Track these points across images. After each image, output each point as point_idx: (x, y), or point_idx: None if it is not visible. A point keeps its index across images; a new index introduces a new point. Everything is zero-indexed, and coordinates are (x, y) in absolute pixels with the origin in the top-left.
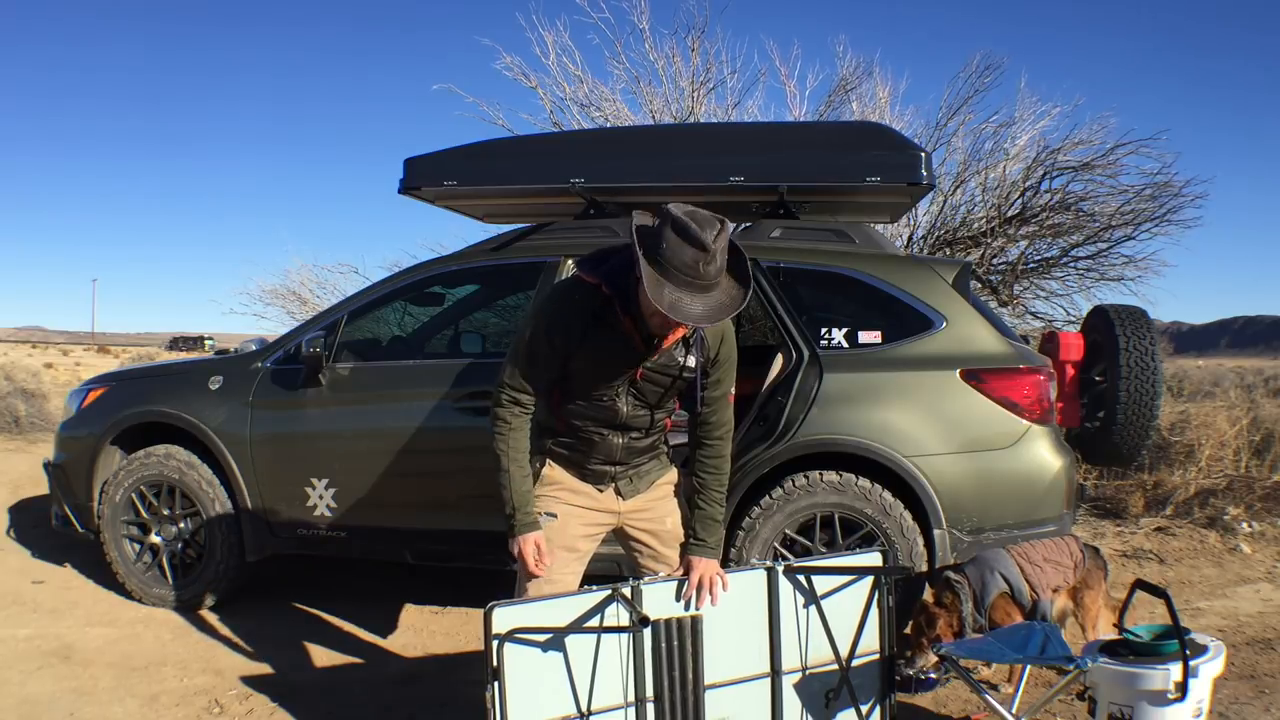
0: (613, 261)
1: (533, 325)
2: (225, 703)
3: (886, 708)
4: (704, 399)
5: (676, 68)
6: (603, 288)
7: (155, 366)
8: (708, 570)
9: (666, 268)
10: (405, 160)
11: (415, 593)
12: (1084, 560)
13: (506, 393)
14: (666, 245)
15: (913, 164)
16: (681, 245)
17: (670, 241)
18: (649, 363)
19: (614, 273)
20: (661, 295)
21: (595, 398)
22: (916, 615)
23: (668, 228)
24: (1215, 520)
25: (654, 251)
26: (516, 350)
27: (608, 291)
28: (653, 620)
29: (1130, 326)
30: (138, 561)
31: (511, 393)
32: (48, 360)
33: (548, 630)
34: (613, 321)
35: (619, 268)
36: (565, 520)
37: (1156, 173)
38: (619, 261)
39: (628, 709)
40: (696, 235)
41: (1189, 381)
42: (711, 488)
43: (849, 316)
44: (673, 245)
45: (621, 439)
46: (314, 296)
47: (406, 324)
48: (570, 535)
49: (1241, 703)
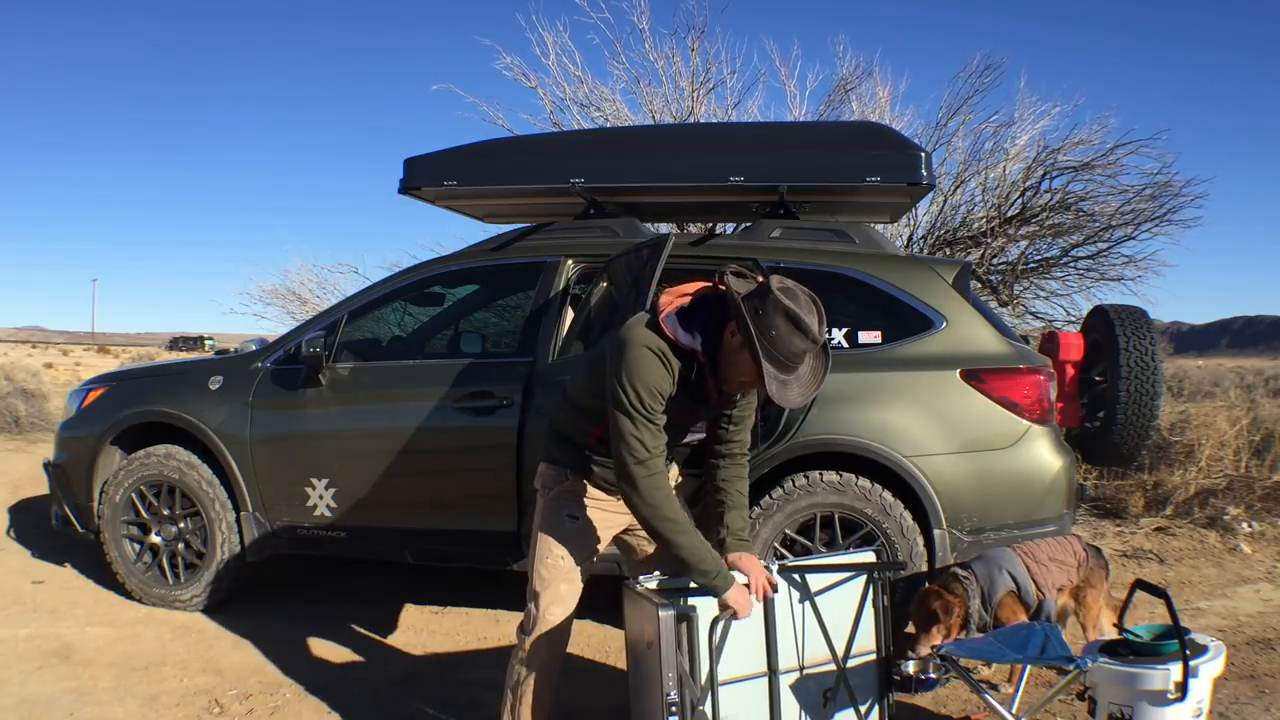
0: (698, 321)
1: (644, 387)
2: (225, 703)
3: (885, 708)
4: (731, 429)
5: (676, 68)
6: (699, 355)
7: (155, 366)
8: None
9: (776, 356)
10: (405, 160)
11: (415, 593)
12: (1087, 559)
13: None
14: (778, 334)
15: (913, 164)
16: (793, 335)
17: (781, 330)
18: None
19: (706, 337)
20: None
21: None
22: (921, 602)
23: (780, 316)
24: (1215, 520)
25: (765, 336)
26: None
27: (704, 359)
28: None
29: (1130, 326)
30: (138, 561)
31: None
32: (48, 360)
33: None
34: (698, 382)
35: (707, 329)
36: (586, 525)
37: (1156, 172)
38: (705, 321)
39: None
40: (808, 327)
41: (1189, 381)
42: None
43: (849, 316)
44: (784, 334)
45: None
46: (314, 296)
47: (406, 324)
48: (593, 537)
49: (1241, 703)
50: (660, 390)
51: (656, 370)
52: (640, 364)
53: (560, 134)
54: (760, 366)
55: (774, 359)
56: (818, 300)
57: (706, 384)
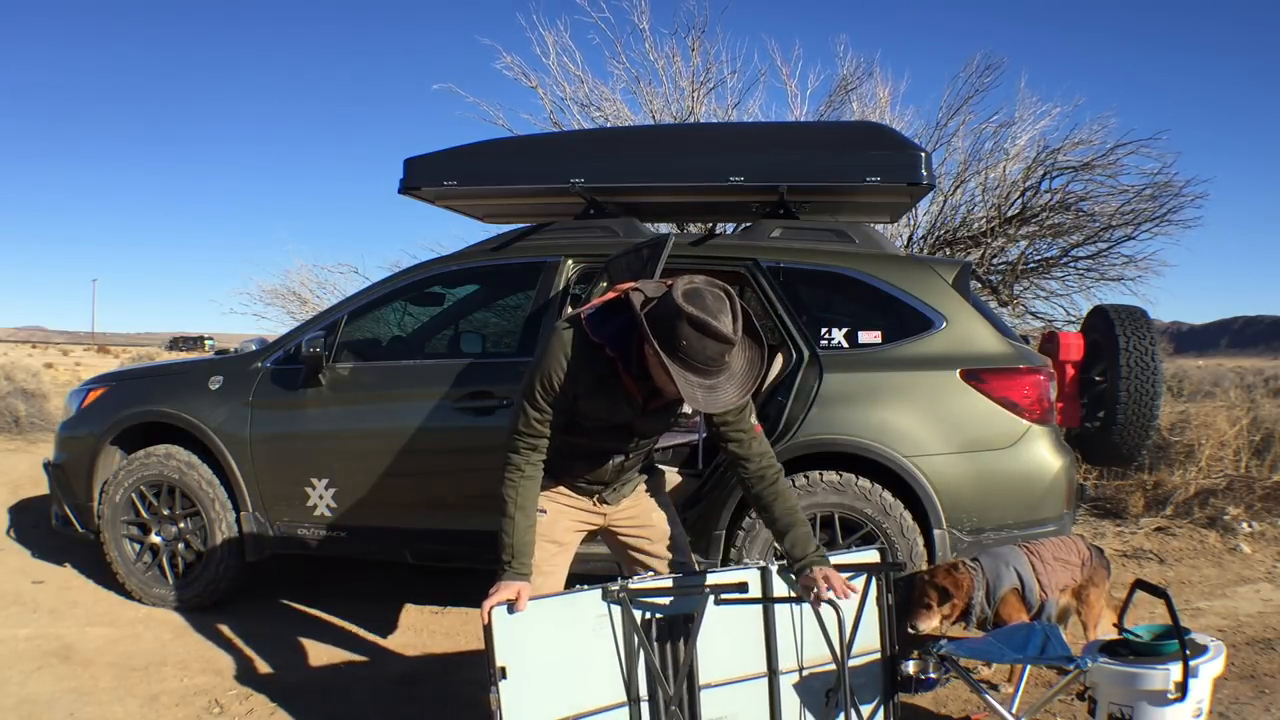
0: (615, 322)
1: (540, 374)
2: (225, 703)
3: (890, 709)
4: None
5: (677, 68)
6: (606, 349)
7: (155, 366)
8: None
9: (691, 363)
10: (405, 160)
11: (415, 593)
12: (1091, 559)
13: (524, 440)
14: (688, 342)
15: (913, 164)
16: (703, 341)
17: (690, 338)
18: (646, 414)
19: (617, 335)
20: (696, 394)
21: (595, 434)
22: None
23: (683, 323)
24: (1215, 520)
25: (671, 346)
26: (528, 396)
27: (611, 354)
28: (649, 619)
29: (1130, 326)
30: (138, 561)
31: (529, 439)
32: (48, 360)
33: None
34: (614, 382)
35: (621, 329)
36: (555, 516)
37: (1156, 173)
38: (622, 322)
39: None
40: (717, 330)
41: (1189, 381)
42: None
43: (849, 316)
44: (694, 342)
45: (614, 462)
46: (314, 296)
47: (406, 324)
48: (559, 529)
49: (1241, 703)
50: (550, 379)
51: (554, 360)
52: (542, 351)
53: (560, 134)
54: (676, 382)
55: (691, 368)
56: (730, 293)
57: (622, 381)
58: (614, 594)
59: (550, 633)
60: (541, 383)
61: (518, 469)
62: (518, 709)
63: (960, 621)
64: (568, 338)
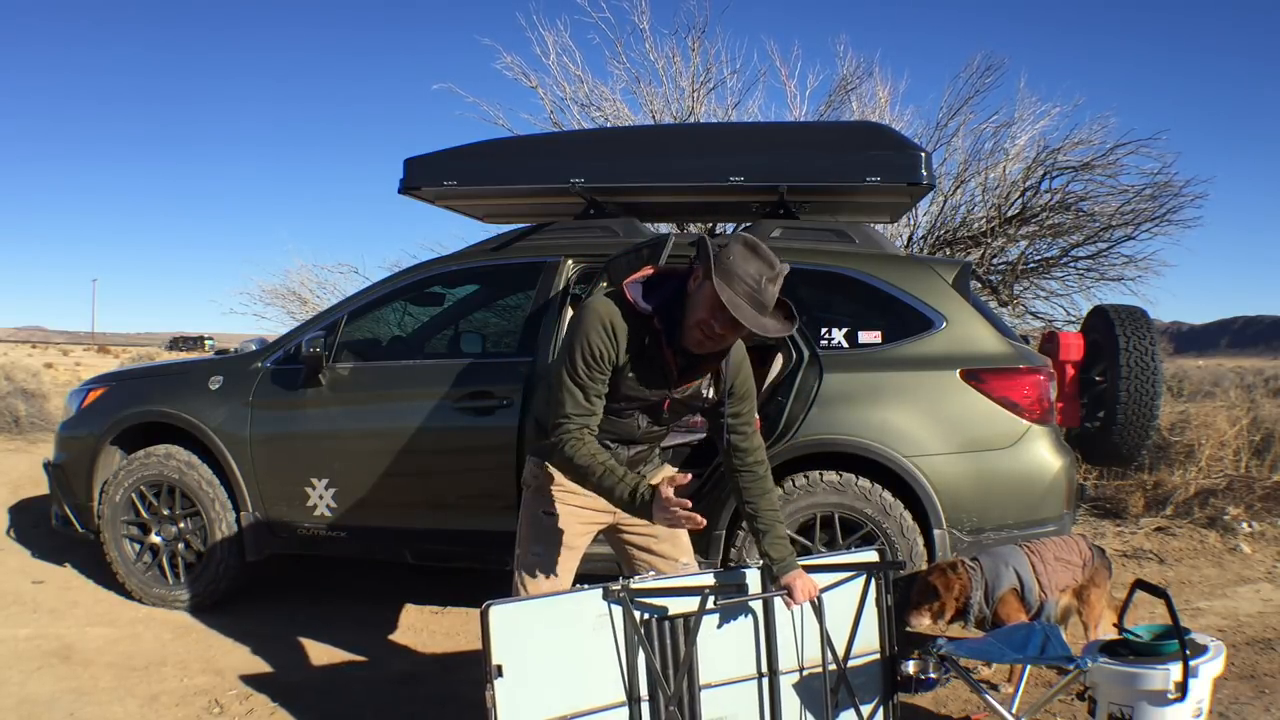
0: (662, 290)
1: (582, 347)
2: (225, 703)
3: (890, 709)
4: (730, 426)
5: (676, 68)
6: (655, 320)
7: (155, 366)
8: (804, 583)
9: (731, 276)
10: (405, 160)
11: (415, 593)
12: (1092, 559)
13: (572, 421)
14: (734, 257)
15: (913, 164)
16: (749, 258)
17: (738, 254)
18: (677, 392)
19: (665, 305)
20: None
21: (617, 415)
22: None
23: (737, 244)
24: (1215, 520)
25: (722, 260)
26: (572, 374)
27: (659, 326)
28: (649, 619)
29: (1130, 326)
30: (138, 561)
31: (577, 419)
32: (48, 360)
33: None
34: (654, 353)
35: (669, 299)
36: (564, 518)
37: (1156, 173)
38: (669, 291)
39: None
40: (766, 253)
41: (1189, 381)
42: (764, 510)
43: (849, 316)
44: (739, 257)
45: (628, 451)
46: (314, 296)
47: (406, 324)
48: (569, 533)
49: (1241, 703)
50: (596, 352)
51: (594, 330)
52: (583, 324)
53: (560, 134)
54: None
55: (726, 275)
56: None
57: (663, 353)
58: (615, 593)
59: (550, 632)
60: (585, 356)
61: (577, 439)
62: (514, 707)
63: (959, 621)
64: (607, 308)
